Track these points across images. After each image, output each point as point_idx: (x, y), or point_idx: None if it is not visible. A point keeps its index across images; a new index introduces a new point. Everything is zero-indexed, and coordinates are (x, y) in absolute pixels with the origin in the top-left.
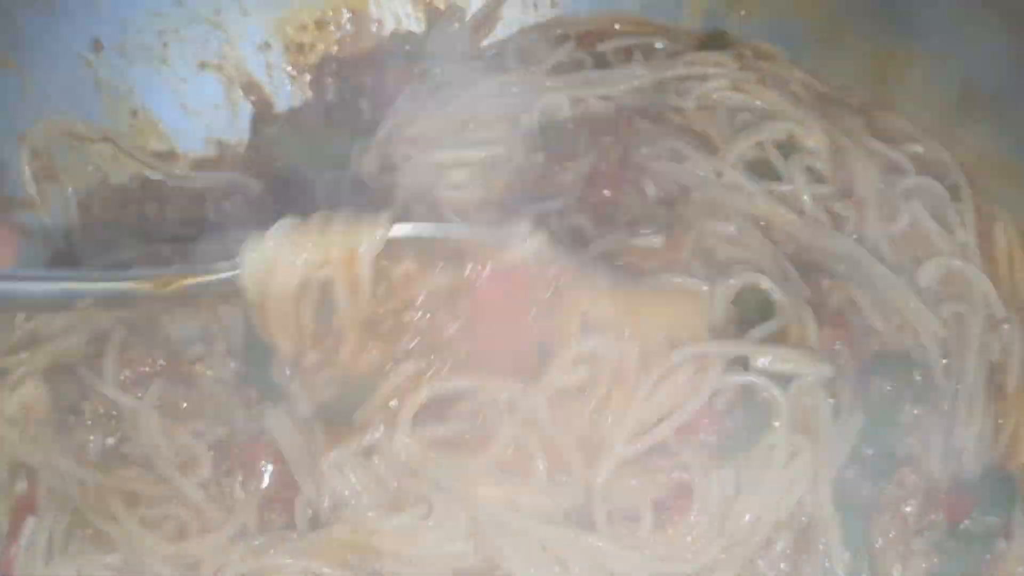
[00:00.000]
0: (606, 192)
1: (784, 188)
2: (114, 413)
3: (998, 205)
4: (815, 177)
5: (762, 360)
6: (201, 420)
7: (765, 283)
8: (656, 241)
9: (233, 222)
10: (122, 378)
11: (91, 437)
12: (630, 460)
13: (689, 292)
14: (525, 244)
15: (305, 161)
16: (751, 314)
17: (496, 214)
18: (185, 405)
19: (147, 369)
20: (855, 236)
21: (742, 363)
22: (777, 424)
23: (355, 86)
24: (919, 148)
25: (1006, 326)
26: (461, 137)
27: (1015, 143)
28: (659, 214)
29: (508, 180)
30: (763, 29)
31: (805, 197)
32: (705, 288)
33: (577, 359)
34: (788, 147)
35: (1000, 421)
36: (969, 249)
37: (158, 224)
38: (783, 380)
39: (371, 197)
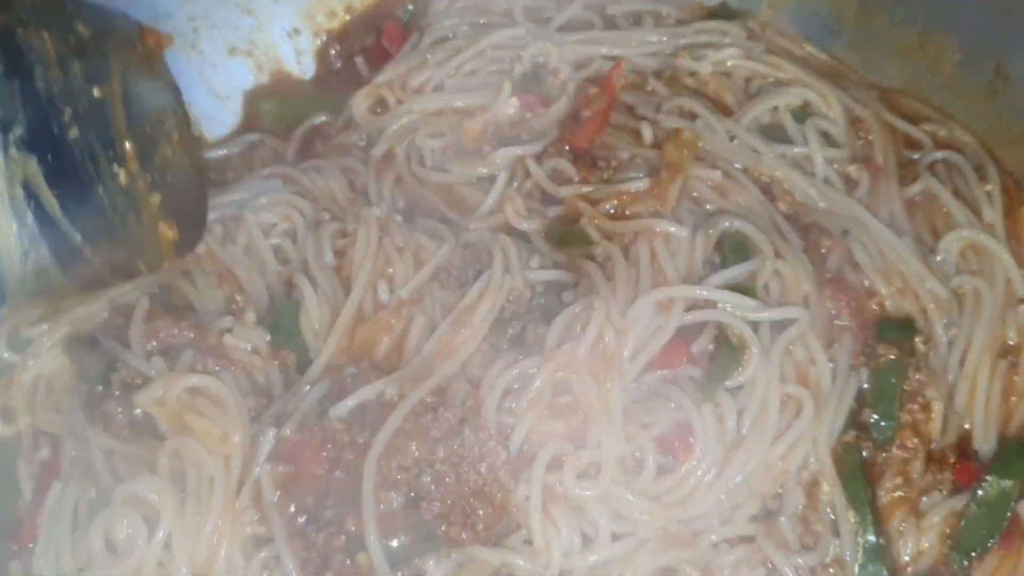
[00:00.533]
0: (587, 137)
1: (797, 150)
2: (139, 383)
3: None
4: (830, 142)
5: (722, 302)
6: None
7: (747, 229)
8: (642, 185)
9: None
10: (148, 348)
11: (119, 408)
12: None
13: None
14: None
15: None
16: (735, 261)
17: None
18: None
19: (174, 339)
20: (865, 199)
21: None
22: (753, 358)
23: (354, 49)
24: (939, 129)
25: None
26: (462, 86)
27: None
28: (648, 158)
29: (484, 127)
30: (794, 12)
31: (818, 158)
32: (685, 234)
33: None
34: (803, 113)
35: (1013, 399)
36: (996, 229)
37: None
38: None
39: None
